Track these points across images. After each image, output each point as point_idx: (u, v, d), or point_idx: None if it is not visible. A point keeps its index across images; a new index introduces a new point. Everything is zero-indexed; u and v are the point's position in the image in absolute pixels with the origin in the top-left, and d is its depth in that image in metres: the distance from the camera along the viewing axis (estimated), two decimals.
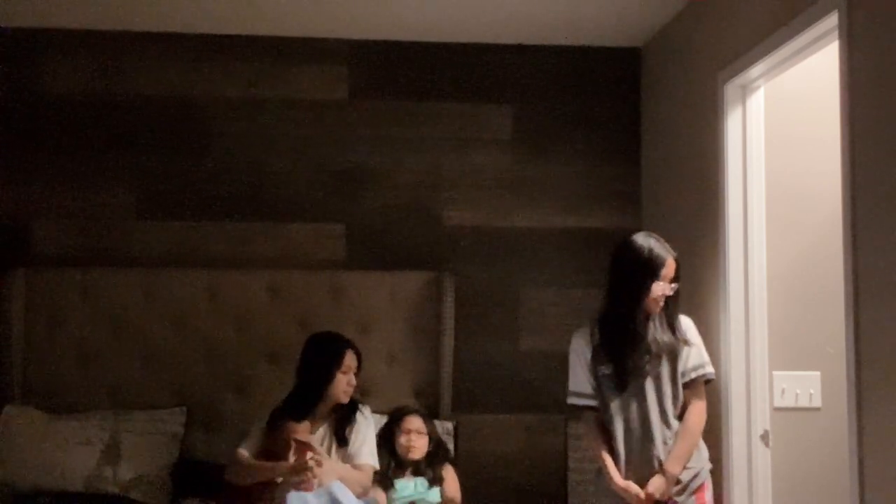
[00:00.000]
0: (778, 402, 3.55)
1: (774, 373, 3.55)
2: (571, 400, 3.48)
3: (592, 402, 3.41)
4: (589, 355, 3.41)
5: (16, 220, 4.37)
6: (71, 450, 3.90)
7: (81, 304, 4.23)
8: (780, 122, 3.64)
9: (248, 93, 4.52)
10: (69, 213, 4.39)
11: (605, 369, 3.37)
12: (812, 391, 3.56)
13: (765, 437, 3.49)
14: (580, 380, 3.43)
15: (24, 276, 4.20)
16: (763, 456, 3.49)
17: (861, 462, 2.66)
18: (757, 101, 3.62)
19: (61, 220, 4.39)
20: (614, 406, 3.34)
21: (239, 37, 4.51)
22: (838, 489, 3.00)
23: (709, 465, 3.38)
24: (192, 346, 4.26)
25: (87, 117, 4.44)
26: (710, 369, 3.39)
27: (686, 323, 3.41)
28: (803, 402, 3.56)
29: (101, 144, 4.43)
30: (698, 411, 3.33)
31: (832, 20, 2.88)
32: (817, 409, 3.56)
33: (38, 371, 4.17)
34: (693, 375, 3.35)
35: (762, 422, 3.51)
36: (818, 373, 3.55)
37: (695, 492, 3.31)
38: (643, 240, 3.38)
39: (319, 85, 4.55)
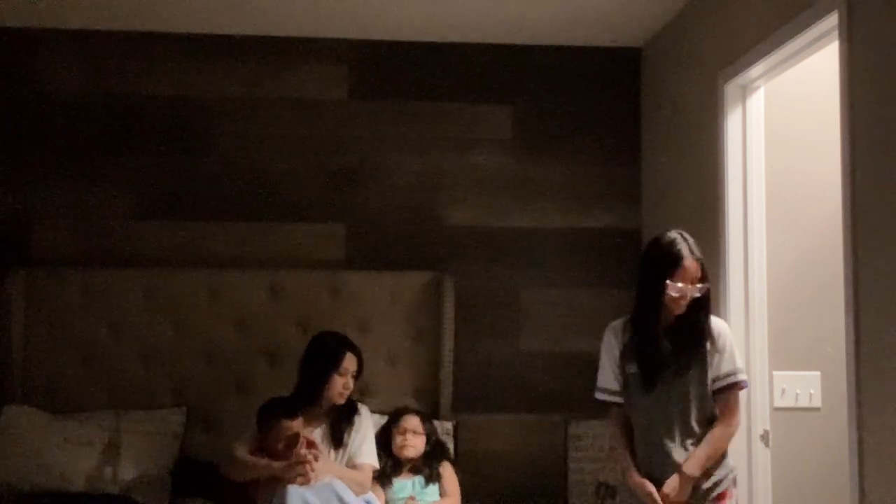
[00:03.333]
0: (778, 402, 3.55)
1: (774, 373, 3.55)
2: (599, 395, 3.35)
3: (619, 399, 3.29)
4: (618, 352, 3.29)
5: (16, 220, 4.37)
6: (71, 450, 3.90)
7: (81, 304, 4.23)
8: (780, 122, 3.64)
9: (248, 93, 4.52)
10: (69, 213, 4.39)
11: (632, 368, 3.25)
12: (812, 391, 3.56)
13: (765, 437, 3.49)
14: (608, 376, 3.31)
15: (24, 277, 4.19)
16: (763, 456, 3.50)
17: (861, 462, 2.66)
18: (757, 101, 3.62)
19: (61, 220, 4.39)
20: (639, 406, 3.24)
21: (239, 37, 4.51)
22: (838, 489, 3.00)
23: (733, 473, 3.24)
24: (192, 346, 4.26)
25: (86, 117, 4.44)
26: (742, 376, 3.21)
27: (719, 327, 3.25)
28: (803, 402, 3.56)
29: (101, 144, 4.44)
30: (727, 422, 3.19)
31: (832, 20, 2.88)
32: (817, 409, 3.56)
33: (39, 371, 4.17)
34: (723, 383, 3.19)
35: (762, 422, 3.51)
36: (818, 373, 3.56)
37: (716, 500, 3.19)
38: (666, 236, 3.22)
39: (319, 85, 4.55)
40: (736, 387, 3.22)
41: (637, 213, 4.64)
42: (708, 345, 3.20)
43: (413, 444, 3.84)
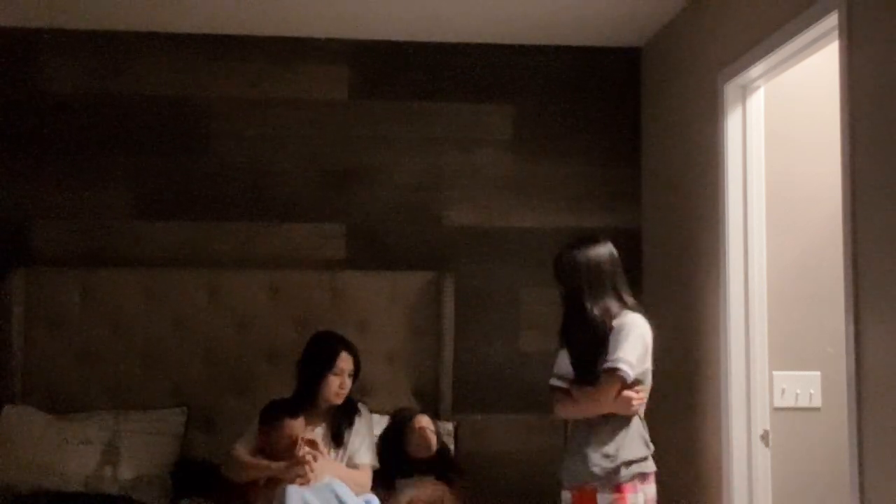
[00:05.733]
0: (778, 402, 3.55)
1: (774, 373, 3.55)
2: (552, 381, 3.38)
3: (565, 385, 3.35)
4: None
5: (16, 220, 4.37)
6: (71, 450, 3.90)
7: (81, 304, 4.23)
8: (780, 122, 3.64)
9: (248, 93, 4.52)
10: (69, 213, 4.39)
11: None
12: (812, 391, 3.56)
13: (765, 437, 3.49)
14: (562, 364, 3.38)
15: (24, 277, 4.19)
16: (763, 456, 3.50)
17: (861, 462, 2.66)
18: (757, 101, 3.62)
19: (61, 220, 4.39)
20: None
21: (239, 37, 4.51)
22: (838, 489, 3.00)
23: (631, 470, 3.17)
24: (192, 346, 4.26)
25: (86, 117, 4.44)
26: (617, 364, 3.16)
27: (620, 322, 3.25)
28: (803, 402, 3.56)
29: (101, 144, 4.44)
30: (592, 393, 3.21)
31: (832, 20, 2.88)
32: (817, 409, 3.56)
33: (38, 371, 4.17)
34: (602, 367, 3.20)
35: (762, 422, 3.51)
36: (818, 373, 3.56)
37: (616, 489, 3.15)
38: None
39: (319, 85, 4.55)
40: (607, 372, 3.19)
41: (637, 213, 4.64)
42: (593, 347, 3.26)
43: (432, 440, 3.74)
